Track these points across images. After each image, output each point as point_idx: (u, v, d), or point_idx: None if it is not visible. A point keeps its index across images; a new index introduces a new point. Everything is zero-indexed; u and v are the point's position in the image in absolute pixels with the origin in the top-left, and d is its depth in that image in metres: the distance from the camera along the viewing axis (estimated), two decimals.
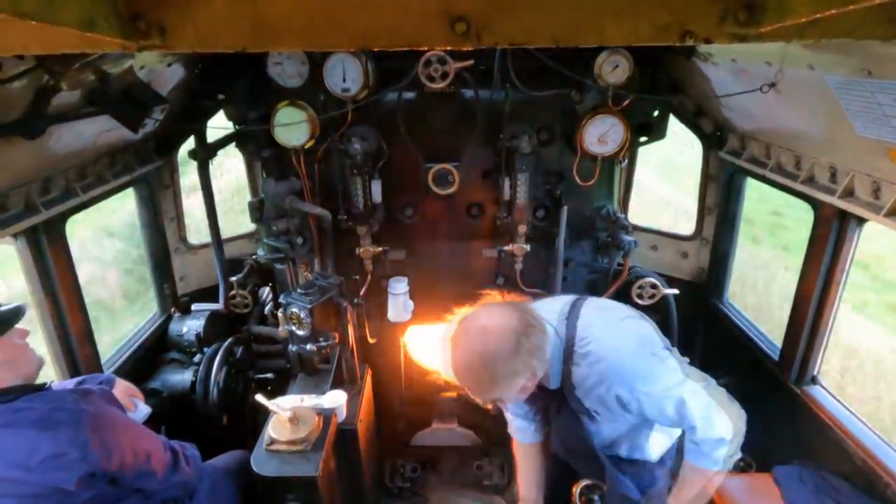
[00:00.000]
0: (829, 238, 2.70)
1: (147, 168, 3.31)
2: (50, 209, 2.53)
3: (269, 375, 3.82)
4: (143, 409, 2.60)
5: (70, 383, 2.44)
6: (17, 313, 2.04)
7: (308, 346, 2.96)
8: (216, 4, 1.23)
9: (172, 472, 2.26)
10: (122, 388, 2.56)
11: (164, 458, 2.24)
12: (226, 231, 3.88)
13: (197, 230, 4.36)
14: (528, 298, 2.20)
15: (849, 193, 2.43)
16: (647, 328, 2.06)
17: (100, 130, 2.72)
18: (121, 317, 8.23)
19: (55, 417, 1.92)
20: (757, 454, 3.30)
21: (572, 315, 1.98)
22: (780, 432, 3.13)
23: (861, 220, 2.57)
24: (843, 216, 2.62)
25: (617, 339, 1.94)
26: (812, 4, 1.01)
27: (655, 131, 3.44)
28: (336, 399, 2.93)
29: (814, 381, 3.01)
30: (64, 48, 1.15)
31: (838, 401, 2.86)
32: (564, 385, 1.99)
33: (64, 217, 2.71)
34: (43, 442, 1.88)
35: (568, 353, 1.93)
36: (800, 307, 2.95)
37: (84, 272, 4.51)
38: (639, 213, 4.89)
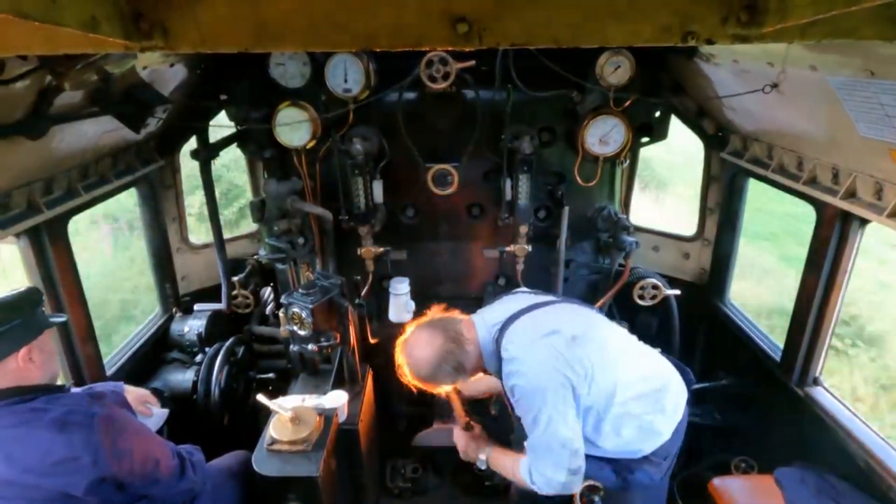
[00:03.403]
0: (832, 239, 2.69)
1: (149, 168, 3.32)
2: (52, 209, 2.54)
3: (271, 375, 3.82)
4: (159, 414, 2.63)
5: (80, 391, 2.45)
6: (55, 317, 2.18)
7: (309, 346, 2.96)
8: (218, 5, 1.24)
9: (179, 479, 2.27)
10: (134, 395, 2.57)
11: (172, 464, 2.24)
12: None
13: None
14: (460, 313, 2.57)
15: (851, 194, 2.42)
16: (569, 352, 2.24)
17: (102, 130, 2.73)
18: None
19: (70, 420, 1.94)
20: (758, 455, 3.30)
21: (504, 327, 2.37)
22: (781, 433, 3.13)
23: (863, 221, 2.56)
24: (846, 217, 2.61)
25: (529, 352, 2.25)
26: (814, 5, 1.01)
27: (657, 132, 3.44)
28: (337, 399, 2.93)
29: (816, 382, 3.00)
30: (67, 49, 1.15)
31: (840, 402, 2.85)
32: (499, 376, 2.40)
33: (66, 217, 2.72)
34: (57, 445, 1.89)
35: (498, 354, 2.35)
36: (802, 308, 2.94)
37: None
38: None
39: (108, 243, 9.05)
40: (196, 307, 3.80)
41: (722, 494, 2.73)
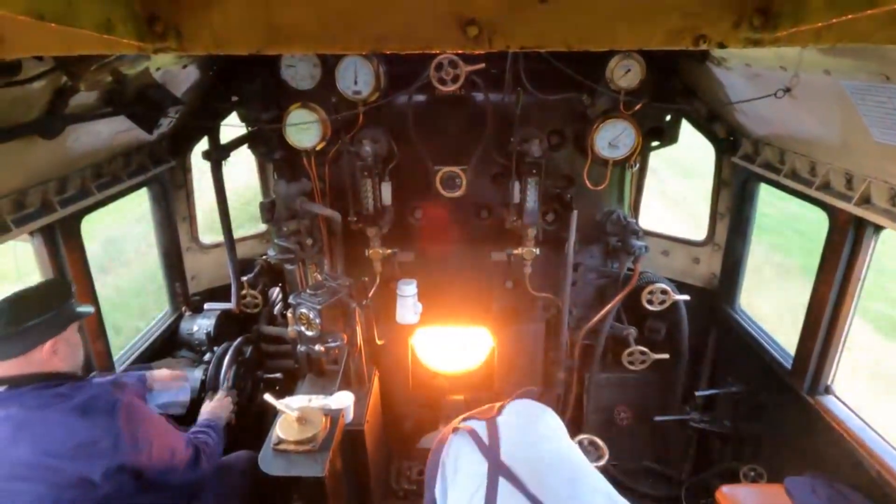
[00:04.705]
0: (845, 245, 2.66)
1: (161, 168, 3.35)
2: (66, 208, 2.57)
3: (278, 375, 3.85)
4: (184, 390, 2.87)
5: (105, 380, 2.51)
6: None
7: (316, 347, 2.97)
8: (231, 8, 1.25)
9: (193, 469, 2.33)
10: (165, 373, 2.82)
11: (186, 454, 2.31)
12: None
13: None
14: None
15: (865, 200, 2.39)
16: None
17: (116, 131, 2.77)
18: None
19: (93, 406, 2.01)
20: (768, 464, 3.26)
21: None
22: (792, 442, 3.08)
23: (878, 228, 2.53)
24: (860, 223, 2.58)
25: None
26: (828, 9, 1.00)
27: (667, 136, 3.42)
28: (343, 400, 2.94)
29: (827, 390, 2.96)
30: (82, 50, 1.17)
31: (852, 411, 2.80)
32: None
33: (79, 216, 2.76)
34: (80, 428, 1.95)
35: None
36: (814, 315, 2.90)
37: None
38: None
39: None
40: (206, 306, 3.83)
41: (730, 503, 2.69)
